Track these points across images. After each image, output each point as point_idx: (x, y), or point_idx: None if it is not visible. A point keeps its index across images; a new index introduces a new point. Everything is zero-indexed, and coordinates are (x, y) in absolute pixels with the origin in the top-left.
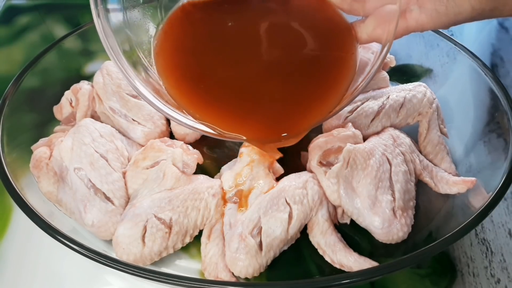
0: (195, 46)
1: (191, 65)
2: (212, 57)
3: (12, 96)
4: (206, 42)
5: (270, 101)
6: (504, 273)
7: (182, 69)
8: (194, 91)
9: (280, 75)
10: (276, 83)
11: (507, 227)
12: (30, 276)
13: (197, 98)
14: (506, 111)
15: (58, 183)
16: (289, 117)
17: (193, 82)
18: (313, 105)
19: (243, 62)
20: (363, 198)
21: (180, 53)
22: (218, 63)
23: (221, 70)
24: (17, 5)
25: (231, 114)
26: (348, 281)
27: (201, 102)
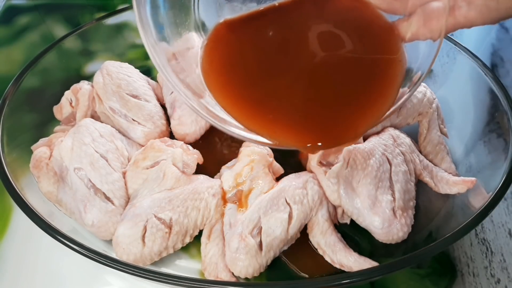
0: (241, 60)
1: (241, 80)
2: (259, 70)
3: (12, 96)
4: (252, 56)
5: (322, 109)
6: (504, 273)
7: (232, 85)
8: (248, 105)
9: (329, 81)
10: (327, 90)
11: (507, 227)
12: (30, 276)
13: (251, 112)
14: (506, 111)
15: (58, 183)
16: (342, 123)
17: (246, 97)
18: (366, 109)
19: (291, 72)
20: (363, 198)
21: (227, 69)
22: (267, 75)
23: (270, 82)
24: (17, 5)
25: (286, 124)
26: (348, 281)
27: (256, 116)
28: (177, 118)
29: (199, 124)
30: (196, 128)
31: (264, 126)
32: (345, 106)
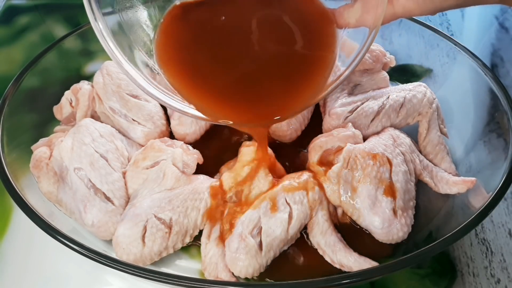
0: (191, 41)
1: (189, 58)
2: (206, 51)
3: (12, 96)
4: (201, 38)
5: (258, 88)
6: (504, 273)
7: (181, 63)
8: (192, 81)
9: (268, 65)
10: (264, 73)
11: (507, 227)
12: (30, 276)
13: (194, 87)
14: (506, 111)
15: (58, 183)
16: (275, 101)
17: (191, 74)
18: (297, 91)
19: (234, 55)
20: (363, 198)
21: (178, 48)
22: (212, 56)
23: (215, 62)
24: (17, 5)
25: (224, 100)
26: (348, 281)
27: (198, 91)
28: (177, 118)
29: (199, 124)
30: (196, 128)
31: (207, 102)
32: (278, 86)
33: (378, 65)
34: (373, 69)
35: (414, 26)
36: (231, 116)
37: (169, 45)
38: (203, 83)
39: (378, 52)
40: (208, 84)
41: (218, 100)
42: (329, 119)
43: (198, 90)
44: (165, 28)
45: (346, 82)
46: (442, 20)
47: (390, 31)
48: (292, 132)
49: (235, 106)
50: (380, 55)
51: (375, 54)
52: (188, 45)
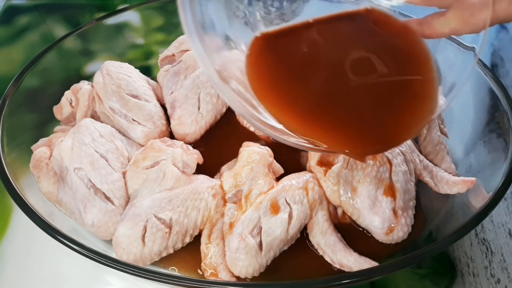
0: (287, 71)
1: (288, 89)
2: (303, 80)
3: (12, 96)
4: (295, 67)
5: (368, 117)
6: (504, 273)
7: (281, 93)
8: (294, 111)
9: (368, 96)
10: (366, 103)
11: (507, 227)
12: (30, 276)
13: (298, 117)
14: (506, 111)
15: (58, 183)
16: (387, 130)
17: (292, 103)
18: (402, 121)
19: (336, 84)
20: (363, 198)
21: (274, 79)
22: (310, 86)
23: (314, 93)
24: (17, 5)
25: (334, 130)
26: (348, 281)
27: (305, 121)
28: (177, 118)
29: (199, 124)
30: (196, 128)
31: (314, 131)
32: (387, 116)
33: None
34: None
35: None
36: (344, 144)
37: (261, 77)
38: (305, 113)
39: None
40: (311, 114)
41: (330, 130)
42: None
43: (299, 119)
44: (254, 60)
45: None
46: None
47: None
48: None
49: (348, 134)
50: None
51: None
52: (284, 77)
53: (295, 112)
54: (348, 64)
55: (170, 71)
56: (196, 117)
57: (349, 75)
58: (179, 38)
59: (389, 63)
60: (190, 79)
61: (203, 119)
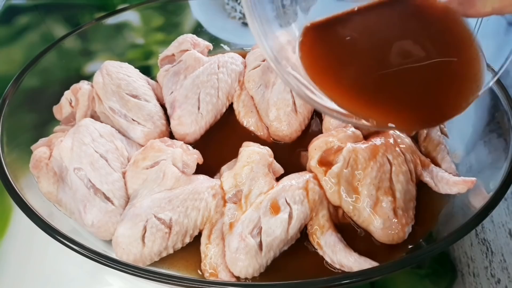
0: (338, 56)
1: (340, 72)
2: (354, 64)
3: (12, 96)
4: (344, 52)
5: (416, 94)
6: (504, 273)
7: (332, 76)
8: (349, 92)
9: (415, 77)
10: (414, 83)
11: (507, 227)
12: (30, 276)
13: (352, 98)
14: (506, 111)
15: (58, 183)
16: (435, 105)
17: (346, 86)
18: (449, 99)
19: (382, 67)
20: (363, 198)
21: (326, 64)
22: (362, 68)
23: (366, 74)
24: (17, 5)
25: (385, 108)
26: (348, 281)
27: (356, 101)
28: (177, 118)
29: (199, 124)
30: (196, 128)
31: (365, 108)
32: (434, 94)
33: None
34: None
35: None
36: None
37: (316, 63)
38: (358, 94)
39: None
40: (364, 95)
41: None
42: (329, 119)
43: (353, 99)
44: (307, 48)
45: None
46: None
47: None
48: (292, 132)
49: (391, 113)
50: None
51: None
52: (336, 62)
53: (349, 94)
54: (394, 48)
55: (170, 71)
56: (196, 117)
57: (396, 58)
58: (179, 38)
59: (432, 44)
60: (190, 79)
61: (203, 119)
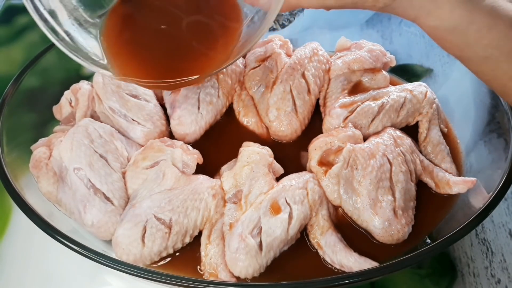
0: (129, 24)
1: (127, 36)
2: (137, 31)
3: (12, 96)
4: (136, 21)
5: (172, 54)
6: (505, 273)
7: (121, 37)
8: (126, 51)
9: (183, 39)
10: (178, 43)
11: (508, 227)
12: (30, 276)
13: (125, 56)
14: (506, 111)
15: (57, 183)
16: (186, 63)
17: (126, 45)
18: (206, 56)
19: (157, 32)
20: (363, 198)
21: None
22: (143, 34)
23: (144, 40)
24: (17, 5)
25: (145, 65)
26: (348, 281)
27: (125, 59)
28: (177, 118)
29: (198, 124)
30: (196, 128)
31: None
32: (189, 52)
33: (378, 64)
34: (374, 68)
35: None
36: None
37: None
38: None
39: (378, 52)
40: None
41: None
42: (329, 119)
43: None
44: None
45: (347, 82)
46: None
47: (390, 30)
48: (292, 132)
49: (156, 66)
50: (380, 55)
51: (375, 54)
52: (127, 27)
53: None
54: (166, 19)
55: None
56: (196, 117)
57: (169, 25)
58: None
59: (198, 13)
60: None
61: (202, 119)
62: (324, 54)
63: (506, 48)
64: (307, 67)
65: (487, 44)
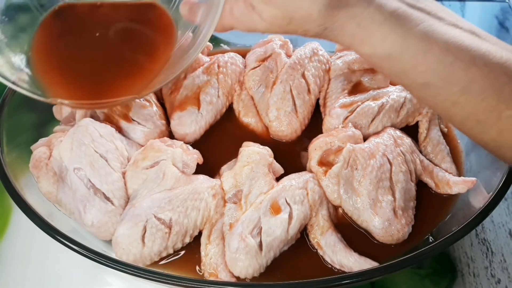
0: (58, 43)
1: (56, 55)
2: (68, 50)
3: (12, 96)
4: (65, 39)
5: (98, 77)
6: (505, 273)
7: (50, 56)
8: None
9: (109, 62)
10: (110, 61)
11: (508, 227)
12: (30, 276)
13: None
14: None
15: (57, 183)
16: (109, 87)
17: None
18: (128, 81)
19: (87, 51)
20: (363, 198)
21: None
22: (71, 54)
23: (74, 58)
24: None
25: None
26: (348, 281)
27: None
28: (177, 118)
29: (198, 124)
30: (196, 128)
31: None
32: (114, 76)
33: None
34: (374, 69)
35: None
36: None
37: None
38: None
39: None
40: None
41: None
42: (329, 119)
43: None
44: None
45: (347, 82)
46: None
47: None
48: (292, 132)
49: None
50: None
51: None
52: (56, 47)
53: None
54: (96, 39)
55: None
56: (196, 117)
57: (98, 48)
58: None
59: (133, 36)
60: (190, 79)
61: (202, 119)
62: (324, 54)
63: (443, 73)
64: (307, 67)
65: (424, 70)
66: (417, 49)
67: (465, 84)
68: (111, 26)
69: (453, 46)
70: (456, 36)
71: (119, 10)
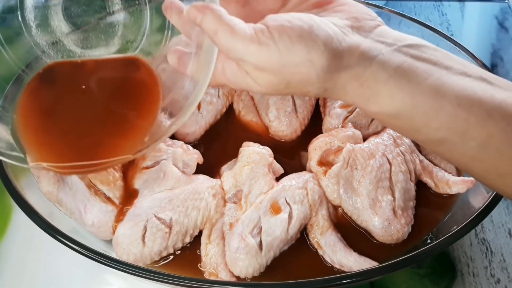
0: (42, 105)
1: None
2: (53, 111)
3: None
4: (50, 100)
5: (87, 136)
6: (504, 273)
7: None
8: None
9: (97, 121)
10: (93, 126)
11: (507, 227)
12: (30, 276)
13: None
14: None
15: (58, 183)
16: (100, 146)
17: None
18: (119, 140)
19: (72, 113)
20: (363, 198)
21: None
22: (57, 116)
23: (59, 121)
24: None
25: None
26: (348, 281)
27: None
28: None
29: (199, 124)
30: (196, 128)
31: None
32: (99, 139)
33: None
34: None
35: (414, 25)
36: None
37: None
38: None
39: None
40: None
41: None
42: (329, 119)
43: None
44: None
45: None
46: (442, 20)
47: None
48: (292, 132)
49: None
50: None
51: None
52: (40, 110)
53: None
54: (84, 102)
55: None
56: (196, 117)
57: (83, 112)
58: None
59: (118, 95)
60: None
61: (203, 119)
62: None
63: (458, 129)
64: None
65: (437, 127)
66: (427, 106)
67: (482, 139)
68: (97, 83)
69: (465, 100)
70: (468, 88)
71: (103, 67)
